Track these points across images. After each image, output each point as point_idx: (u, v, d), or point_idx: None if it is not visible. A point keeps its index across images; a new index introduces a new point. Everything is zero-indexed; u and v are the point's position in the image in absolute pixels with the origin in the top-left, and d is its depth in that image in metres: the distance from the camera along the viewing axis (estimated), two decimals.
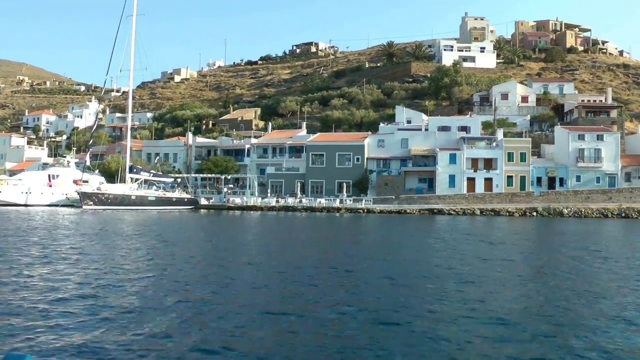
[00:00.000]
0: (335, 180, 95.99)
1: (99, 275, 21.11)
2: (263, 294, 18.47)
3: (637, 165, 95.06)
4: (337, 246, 36.38)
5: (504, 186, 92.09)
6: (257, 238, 42.14)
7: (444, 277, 22.45)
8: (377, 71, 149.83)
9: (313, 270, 24.02)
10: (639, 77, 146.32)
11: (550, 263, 28.60)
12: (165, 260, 26.23)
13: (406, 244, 37.70)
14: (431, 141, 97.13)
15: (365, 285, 20.38)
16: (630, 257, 31.37)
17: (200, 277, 21.56)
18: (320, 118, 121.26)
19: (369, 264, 26.87)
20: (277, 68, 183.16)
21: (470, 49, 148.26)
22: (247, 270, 24.18)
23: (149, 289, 18.87)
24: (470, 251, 33.33)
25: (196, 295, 17.76)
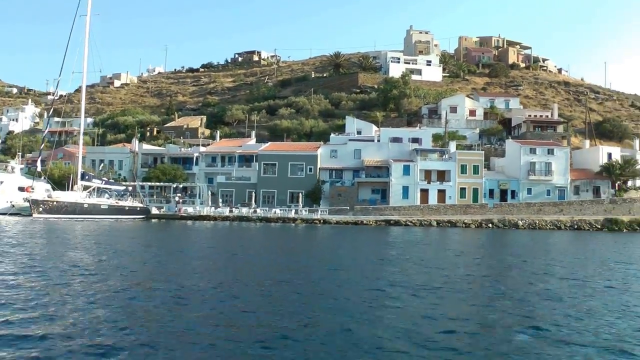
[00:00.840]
0: (288, 190, 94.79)
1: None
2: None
3: (585, 179, 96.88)
4: (288, 257, 35.59)
5: (457, 198, 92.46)
6: (207, 250, 40.13)
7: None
8: (323, 81, 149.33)
9: (246, 285, 23.07)
10: (579, 94, 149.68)
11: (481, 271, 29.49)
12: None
13: (353, 255, 37.73)
14: (384, 152, 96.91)
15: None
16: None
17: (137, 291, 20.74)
18: (268, 127, 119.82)
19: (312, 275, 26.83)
20: (220, 76, 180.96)
21: (417, 61, 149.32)
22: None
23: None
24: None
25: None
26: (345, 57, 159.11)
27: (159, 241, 47.23)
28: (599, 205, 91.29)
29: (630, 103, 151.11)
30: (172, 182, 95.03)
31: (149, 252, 36.43)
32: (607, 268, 32.91)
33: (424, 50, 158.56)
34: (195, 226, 70.42)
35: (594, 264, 35.08)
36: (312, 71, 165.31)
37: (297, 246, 45.71)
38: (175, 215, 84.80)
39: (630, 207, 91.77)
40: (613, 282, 26.89)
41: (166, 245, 42.41)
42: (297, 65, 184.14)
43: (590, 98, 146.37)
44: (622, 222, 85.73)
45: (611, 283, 26.35)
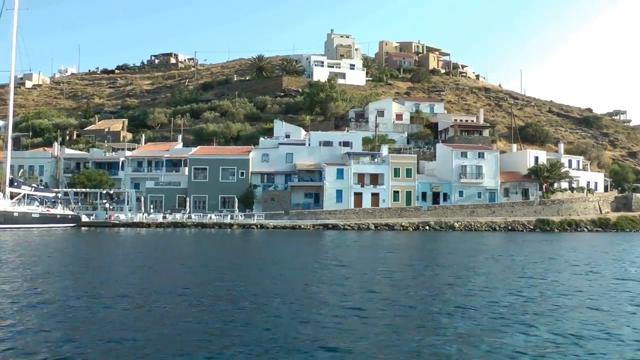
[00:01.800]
0: (219, 195, 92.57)
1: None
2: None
3: (514, 182, 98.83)
4: (222, 263, 34.82)
5: (390, 201, 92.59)
6: (138, 260, 38.26)
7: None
8: (246, 85, 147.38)
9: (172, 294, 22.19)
10: (499, 100, 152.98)
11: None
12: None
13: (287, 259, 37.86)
14: (316, 156, 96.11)
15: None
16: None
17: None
18: (193, 131, 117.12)
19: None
20: (137, 78, 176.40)
21: (340, 65, 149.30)
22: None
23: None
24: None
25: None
26: (268, 60, 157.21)
27: (97, 252, 44.91)
28: (529, 207, 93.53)
29: (547, 109, 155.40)
30: (98, 188, 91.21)
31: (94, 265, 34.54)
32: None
33: (345, 54, 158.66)
34: (128, 234, 67.79)
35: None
36: (234, 74, 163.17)
37: (228, 253, 44.21)
38: (107, 222, 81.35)
39: (558, 208, 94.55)
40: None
41: (102, 256, 40.30)
42: (217, 69, 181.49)
43: (510, 104, 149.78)
44: (553, 222, 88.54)
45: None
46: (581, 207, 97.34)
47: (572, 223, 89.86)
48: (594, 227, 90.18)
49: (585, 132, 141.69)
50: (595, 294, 23.82)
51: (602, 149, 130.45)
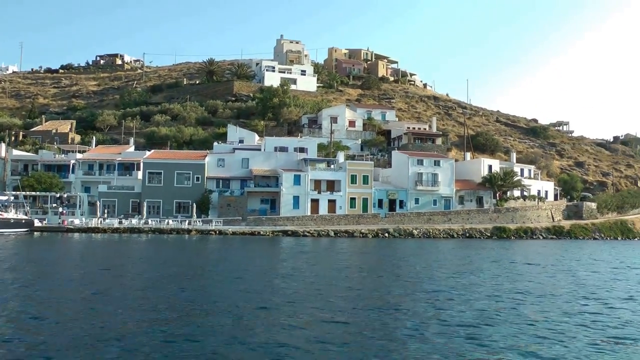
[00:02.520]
0: (174, 200, 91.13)
1: None
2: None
3: (469, 189, 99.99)
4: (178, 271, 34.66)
5: (347, 208, 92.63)
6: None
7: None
8: (197, 88, 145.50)
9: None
10: (448, 109, 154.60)
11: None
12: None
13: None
14: (272, 162, 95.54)
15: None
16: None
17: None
18: (145, 134, 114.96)
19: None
20: (82, 79, 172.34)
21: (292, 71, 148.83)
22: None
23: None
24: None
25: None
26: (218, 64, 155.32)
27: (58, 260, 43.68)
28: (485, 214, 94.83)
29: (495, 119, 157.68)
30: (48, 192, 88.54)
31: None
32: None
33: (295, 60, 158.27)
34: (83, 239, 66.13)
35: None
36: (183, 78, 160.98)
37: (182, 259, 43.69)
38: (61, 227, 78.93)
39: (513, 215, 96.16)
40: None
41: (60, 263, 39.38)
42: (164, 71, 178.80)
43: (460, 113, 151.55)
44: (509, 229, 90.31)
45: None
46: (534, 215, 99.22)
47: (528, 230, 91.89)
48: (549, 235, 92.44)
49: (533, 142, 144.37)
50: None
51: (550, 158, 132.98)
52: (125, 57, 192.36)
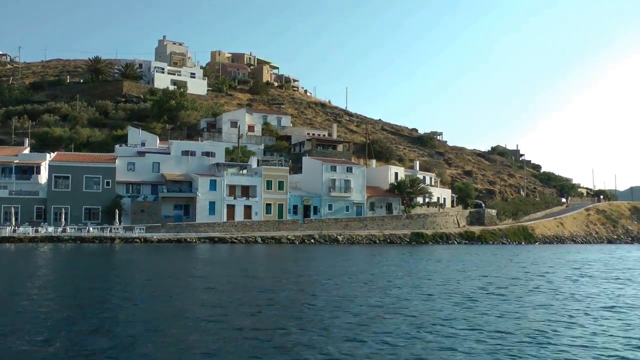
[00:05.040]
0: (83, 205, 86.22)
1: None
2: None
3: (379, 196, 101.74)
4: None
5: (263, 214, 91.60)
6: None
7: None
8: (82, 87, 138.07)
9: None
10: (335, 115, 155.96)
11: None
12: None
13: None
14: (183, 166, 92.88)
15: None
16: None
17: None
18: (37, 135, 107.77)
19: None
20: None
21: (181, 73, 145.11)
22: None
23: None
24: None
25: None
26: (105, 62, 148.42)
27: None
28: (398, 221, 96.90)
29: (380, 127, 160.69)
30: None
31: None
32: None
33: (179, 62, 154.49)
34: (5, 250, 61.39)
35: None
36: (65, 75, 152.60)
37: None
38: None
39: (423, 221, 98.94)
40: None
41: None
42: (37, 67, 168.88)
43: (347, 120, 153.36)
44: (427, 235, 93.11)
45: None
46: (443, 220, 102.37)
47: (443, 236, 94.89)
48: (462, 240, 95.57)
49: (422, 150, 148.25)
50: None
51: (442, 166, 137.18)
52: None
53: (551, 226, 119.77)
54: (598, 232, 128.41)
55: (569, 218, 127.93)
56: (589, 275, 44.67)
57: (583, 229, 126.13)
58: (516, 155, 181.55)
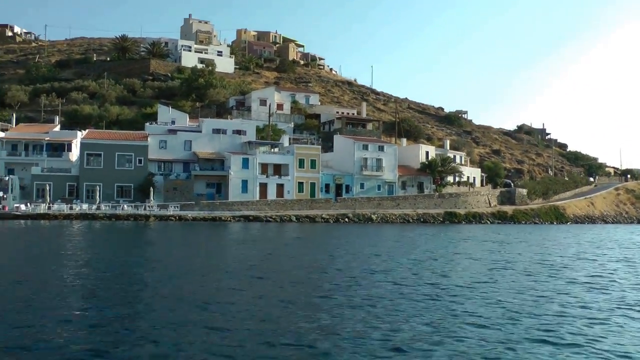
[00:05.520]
0: (115, 183, 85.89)
1: None
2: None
3: (410, 175, 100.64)
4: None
5: (295, 192, 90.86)
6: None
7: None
8: (109, 65, 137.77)
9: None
10: (362, 94, 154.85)
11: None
12: None
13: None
14: (215, 144, 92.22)
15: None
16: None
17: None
18: (66, 113, 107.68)
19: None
20: None
21: (208, 51, 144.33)
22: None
23: None
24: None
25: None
26: (132, 40, 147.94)
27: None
28: (430, 200, 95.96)
29: (407, 105, 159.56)
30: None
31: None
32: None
33: (205, 41, 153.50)
34: (39, 226, 61.17)
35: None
36: (92, 53, 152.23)
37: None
38: (7, 214, 72.29)
39: (455, 201, 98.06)
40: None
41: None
42: (62, 46, 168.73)
43: (374, 99, 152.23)
44: (460, 214, 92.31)
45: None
46: (474, 200, 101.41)
47: (476, 215, 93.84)
48: (495, 220, 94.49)
49: (450, 129, 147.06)
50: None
51: (470, 146, 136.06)
52: (15, 28, 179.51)
53: (582, 206, 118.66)
54: (628, 211, 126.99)
55: (598, 198, 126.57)
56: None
57: (613, 209, 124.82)
58: (542, 134, 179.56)
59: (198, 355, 13.10)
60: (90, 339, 14.25)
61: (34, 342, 13.87)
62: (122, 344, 13.91)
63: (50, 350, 13.31)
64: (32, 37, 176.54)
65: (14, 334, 14.52)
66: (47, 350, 13.29)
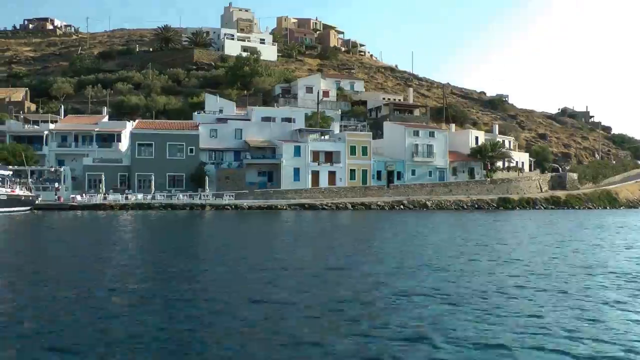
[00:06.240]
0: (167, 173, 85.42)
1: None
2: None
3: (462, 161, 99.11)
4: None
5: (347, 180, 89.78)
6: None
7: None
8: (151, 56, 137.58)
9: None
10: (405, 80, 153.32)
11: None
12: None
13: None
14: (266, 132, 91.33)
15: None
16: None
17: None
18: (112, 103, 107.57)
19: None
20: (12, 44, 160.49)
21: (251, 39, 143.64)
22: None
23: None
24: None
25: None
26: (174, 31, 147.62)
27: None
28: (482, 186, 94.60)
29: (450, 90, 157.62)
30: (22, 165, 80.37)
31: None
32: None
33: (246, 29, 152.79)
34: (99, 217, 60.49)
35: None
36: (135, 44, 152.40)
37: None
38: (63, 205, 72.21)
39: (507, 186, 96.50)
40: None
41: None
42: (103, 37, 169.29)
43: (416, 85, 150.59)
44: (513, 200, 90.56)
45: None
46: (526, 185, 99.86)
47: (530, 201, 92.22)
48: (548, 205, 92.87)
49: (494, 114, 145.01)
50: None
51: (516, 130, 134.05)
52: (56, 21, 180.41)
53: (634, 190, 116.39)
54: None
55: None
56: None
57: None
58: (586, 117, 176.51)
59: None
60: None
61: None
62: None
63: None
64: (71, 29, 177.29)
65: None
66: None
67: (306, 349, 11.76)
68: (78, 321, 13.76)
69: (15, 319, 14.00)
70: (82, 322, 13.63)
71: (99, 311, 14.74)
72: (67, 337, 12.38)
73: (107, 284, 18.91)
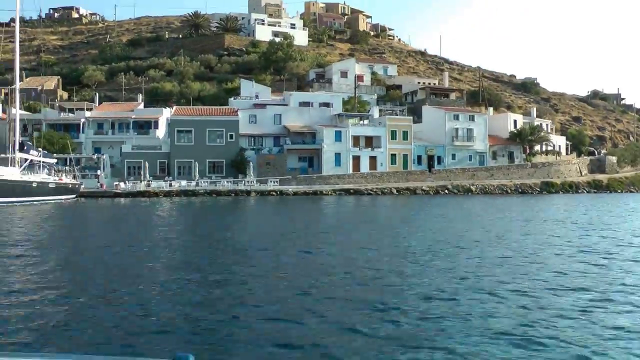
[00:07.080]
0: (207, 159, 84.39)
1: None
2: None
3: (501, 145, 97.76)
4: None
5: (388, 164, 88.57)
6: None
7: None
8: (182, 42, 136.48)
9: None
10: (436, 64, 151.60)
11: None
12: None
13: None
14: (305, 117, 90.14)
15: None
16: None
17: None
18: (146, 90, 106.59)
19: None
20: (39, 32, 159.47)
21: (281, 24, 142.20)
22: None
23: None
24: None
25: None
26: (203, 17, 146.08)
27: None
28: (523, 170, 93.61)
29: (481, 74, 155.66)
30: (60, 153, 79.54)
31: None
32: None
33: (274, 14, 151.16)
34: (146, 204, 59.42)
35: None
36: (164, 31, 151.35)
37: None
38: (107, 192, 71.47)
39: (548, 170, 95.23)
40: None
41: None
42: (129, 25, 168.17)
43: (447, 68, 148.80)
44: (556, 184, 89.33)
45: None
46: (566, 169, 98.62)
47: (572, 185, 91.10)
48: (591, 189, 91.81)
49: (527, 97, 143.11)
50: None
51: (551, 113, 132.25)
52: (81, 10, 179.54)
53: None
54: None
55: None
56: None
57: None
58: (617, 99, 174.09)
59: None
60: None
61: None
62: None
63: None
64: (97, 17, 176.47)
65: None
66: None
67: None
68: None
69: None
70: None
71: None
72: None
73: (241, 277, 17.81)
